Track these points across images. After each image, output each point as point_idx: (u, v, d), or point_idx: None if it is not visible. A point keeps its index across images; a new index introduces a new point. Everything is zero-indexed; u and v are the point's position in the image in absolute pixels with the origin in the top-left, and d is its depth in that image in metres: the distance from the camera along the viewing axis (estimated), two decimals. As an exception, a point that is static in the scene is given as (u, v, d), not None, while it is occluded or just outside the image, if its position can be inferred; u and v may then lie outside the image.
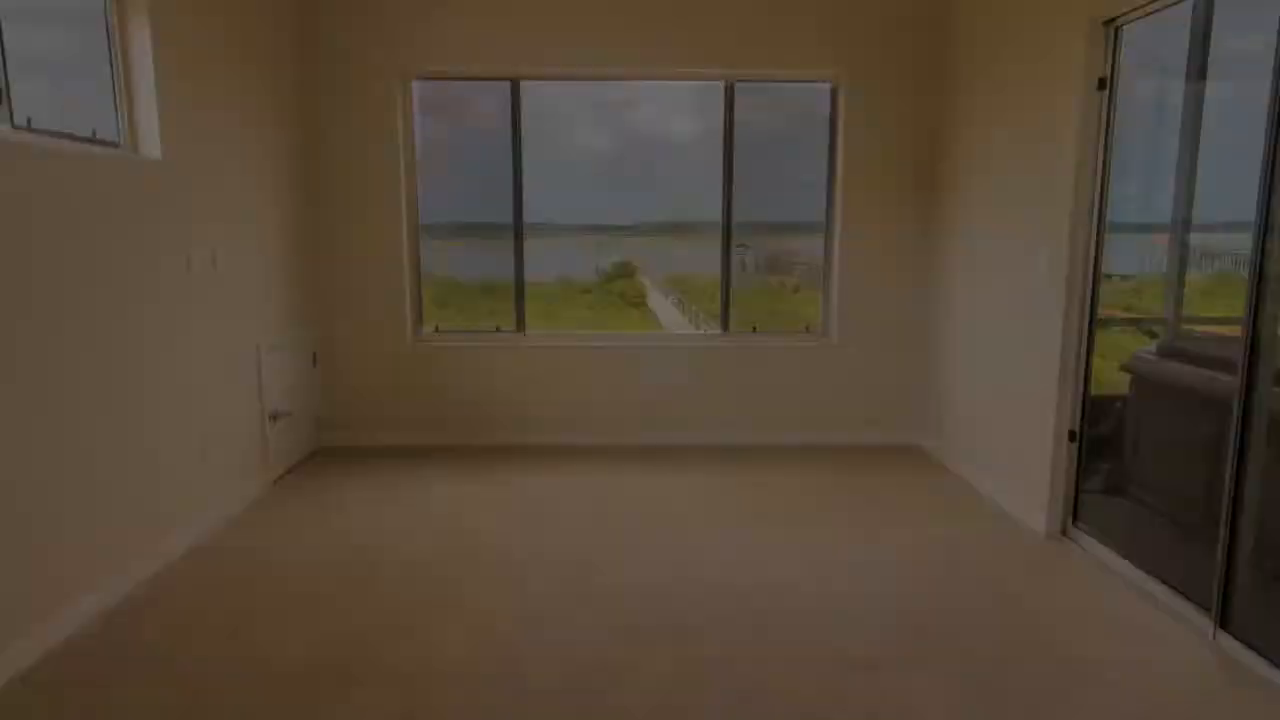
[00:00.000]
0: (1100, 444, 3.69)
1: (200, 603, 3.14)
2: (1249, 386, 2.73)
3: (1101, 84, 3.51)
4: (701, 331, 5.63)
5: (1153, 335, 3.57)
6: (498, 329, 5.43)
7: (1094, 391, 3.67)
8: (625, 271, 5.92)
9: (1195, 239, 3.28)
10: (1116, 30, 3.46)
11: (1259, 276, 2.69)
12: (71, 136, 3.09)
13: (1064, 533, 3.83)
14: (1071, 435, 3.77)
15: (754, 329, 5.46)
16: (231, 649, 2.80)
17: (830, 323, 5.39)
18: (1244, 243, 2.74)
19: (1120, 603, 3.17)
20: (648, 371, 5.35)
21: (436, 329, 5.42)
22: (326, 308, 5.23)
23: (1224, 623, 2.85)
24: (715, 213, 5.32)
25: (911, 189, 5.19)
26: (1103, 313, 3.63)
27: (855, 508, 4.21)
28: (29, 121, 2.83)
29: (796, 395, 5.37)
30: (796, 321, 5.51)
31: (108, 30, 3.35)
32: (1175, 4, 3.17)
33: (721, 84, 5.15)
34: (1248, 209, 2.72)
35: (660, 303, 6.00)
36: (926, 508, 4.22)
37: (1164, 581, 3.18)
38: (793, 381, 5.37)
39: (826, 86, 5.19)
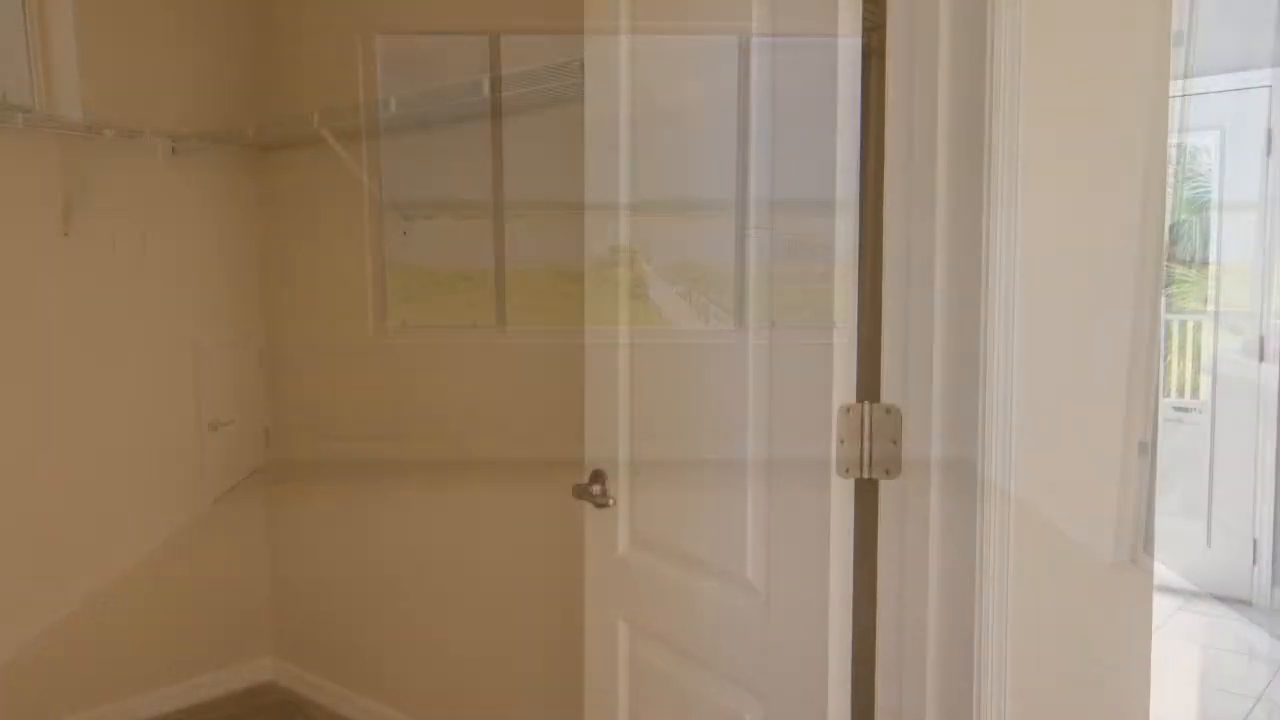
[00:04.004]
0: (1177, 458, 3.67)
1: (119, 651, 3.14)
2: (1349, 390, 2.72)
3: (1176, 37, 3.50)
4: (712, 327, 5.62)
5: (1238, 331, 3.56)
6: (474, 324, 5.42)
7: (1169, 397, 3.66)
8: (623, 257, 5.92)
9: (1287, 218, 3.27)
10: (1195, -26, 3.46)
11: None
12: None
13: (1133, 561, 3.81)
14: (1143, 448, 3.75)
15: (773, 324, 5.44)
16: (159, 694, 2.80)
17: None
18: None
19: (1199, 646, 3.15)
20: (649, 373, 5.33)
21: (404, 323, 5.42)
22: (275, 298, 5.23)
23: (1320, 667, 2.84)
24: (729, 188, 5.31)
25: (957, 158, 5.17)
26: (1179, 304, 3.61)
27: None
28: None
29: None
30: (824, 315, 5.50)
31: (19, -26, 3.36)
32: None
33: (736, 36, 5.15)
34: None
35: (664, 293, 5.99)
36: (973, 532, 4.19)
37: (1251, 620, 3.16)
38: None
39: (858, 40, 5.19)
